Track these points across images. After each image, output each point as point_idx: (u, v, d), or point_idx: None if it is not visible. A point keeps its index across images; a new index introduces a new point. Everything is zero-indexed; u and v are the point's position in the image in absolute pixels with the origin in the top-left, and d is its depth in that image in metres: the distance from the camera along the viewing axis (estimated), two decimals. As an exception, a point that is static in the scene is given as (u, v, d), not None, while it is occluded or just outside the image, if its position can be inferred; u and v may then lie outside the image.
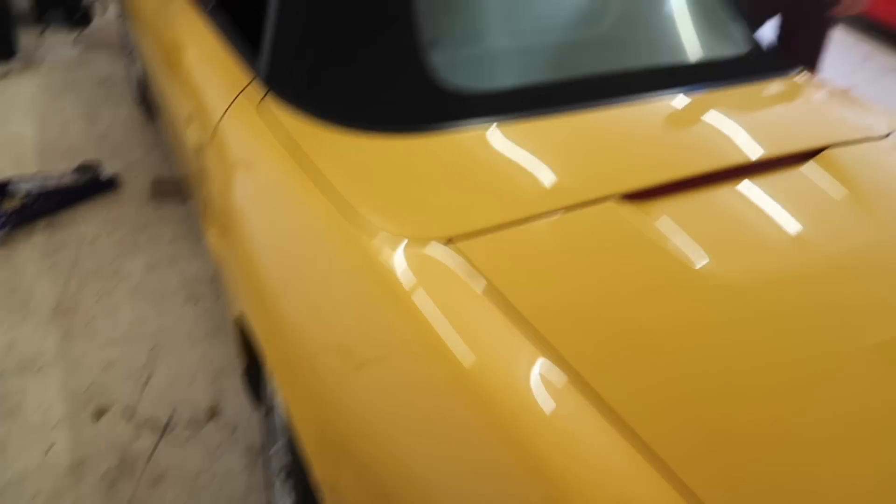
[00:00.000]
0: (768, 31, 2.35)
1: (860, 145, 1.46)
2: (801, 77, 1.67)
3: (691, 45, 1.62)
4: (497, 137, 1.26)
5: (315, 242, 1.13)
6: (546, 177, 1.18)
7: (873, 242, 1.20)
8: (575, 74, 1.42)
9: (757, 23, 1.71)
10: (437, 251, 1.03)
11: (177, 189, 2.65)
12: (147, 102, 3.05)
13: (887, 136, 1.54)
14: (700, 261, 1.07)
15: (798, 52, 2.30)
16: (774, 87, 1.59)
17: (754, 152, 1.31)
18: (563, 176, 1.19)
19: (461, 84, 1.31)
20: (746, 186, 1.25)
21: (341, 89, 1.31)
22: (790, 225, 1.19)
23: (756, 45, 1.65)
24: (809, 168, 1.33)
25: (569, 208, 1.12)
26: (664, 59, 1.54)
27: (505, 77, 1.38)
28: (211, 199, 1.54)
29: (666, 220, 1.14)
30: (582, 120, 1.33)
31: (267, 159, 1.33)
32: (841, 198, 1.28)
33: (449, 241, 1.04)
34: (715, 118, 1.42)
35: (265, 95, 1.41)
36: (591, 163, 1.23)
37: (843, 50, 4.59)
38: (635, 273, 1.03)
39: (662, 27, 1.65)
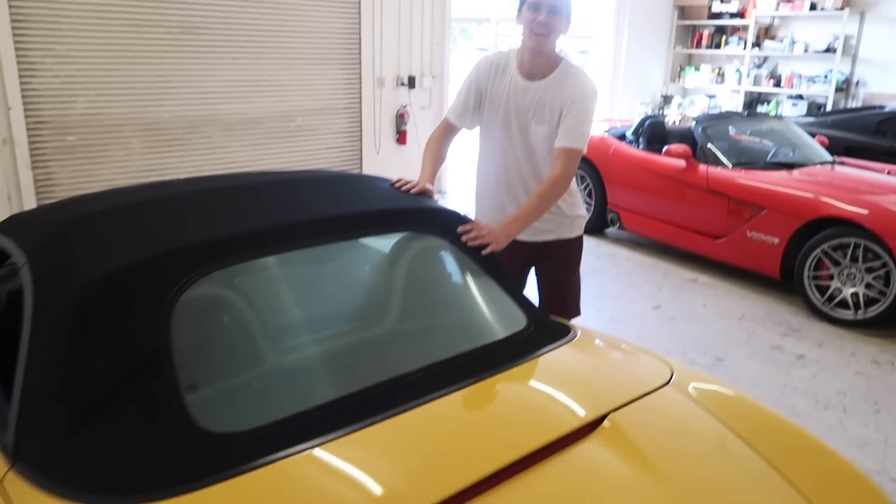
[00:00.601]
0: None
1: (643, 400, 1.51)
2: (579, 338, 1.76)
3: (468, 334, 1.68)
4: (274, 480, 1.16)
5: None
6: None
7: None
8: (355, 388, 1.39)
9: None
10: None
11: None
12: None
13: (669, 381, 1.62)
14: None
15: (560, 305, 2.49)
16: (555, 356, 1.65)
17: (542, 436, 1.31)
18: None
19: (226, 428, 1.23)
20: (534, 475, 1.22)
21: (94, 458, 1.18)
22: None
23: (532, 318, 1.73)
24: (594, 441, 1.34)
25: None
26: (440, 354, 1.55)
27: (273, 411, 1.32)
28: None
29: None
30: (365, 438, 1.27)
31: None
32: (627, 467, 1.28)
33: None
34: (502, 407, 1.43)
35: (10, 469, 1.24)
36: (380, 486, 1.16)
37: (646, 270, 5.15)
38: None
39: (436, 322, 1.72)
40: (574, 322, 2.35)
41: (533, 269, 2.57)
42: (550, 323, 1.78)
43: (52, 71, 4.70)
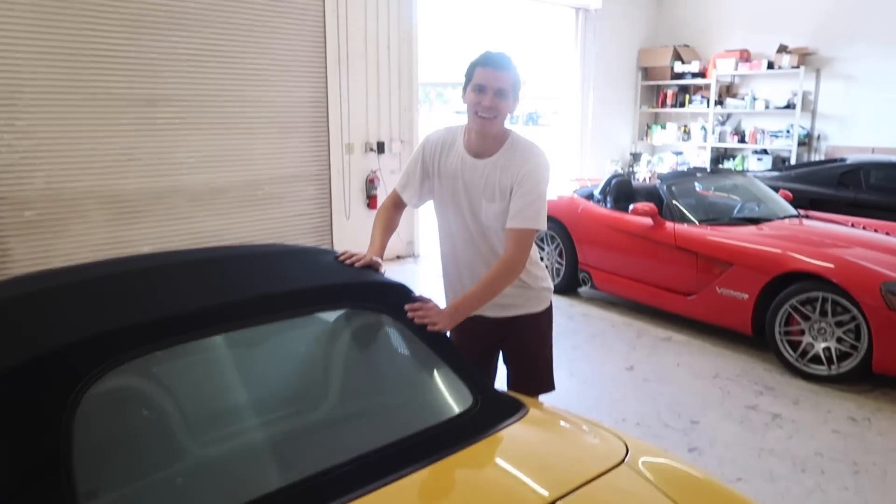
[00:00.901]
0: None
1: (595, 483, 1.42)
2: (529, 415, 1.67)
3: (411, 416, 1.59)
4: None
5: None
6: None
7: None
8: (288, 481, 1.29)
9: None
10: None
11: None
12: None
13: (623, 460, 1.53)
14: None
15: (531, 381, 2.39)
16: (502, 437, 1.55)
17: None
18: None
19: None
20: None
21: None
22: None
23: (478, 395, 1.64)
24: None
25: None
26: (381, 439, 1.45)
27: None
28: None
29: None
30: None
31: None
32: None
33: None
34: (446, 497, 1.33)
35: None
36: None
37: (619, 330, 5.08)
38: None
39: (377, 405, 1.63)
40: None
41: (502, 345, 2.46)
42: (499, 399, 1.69)
43: (12, 146, 4.65)
